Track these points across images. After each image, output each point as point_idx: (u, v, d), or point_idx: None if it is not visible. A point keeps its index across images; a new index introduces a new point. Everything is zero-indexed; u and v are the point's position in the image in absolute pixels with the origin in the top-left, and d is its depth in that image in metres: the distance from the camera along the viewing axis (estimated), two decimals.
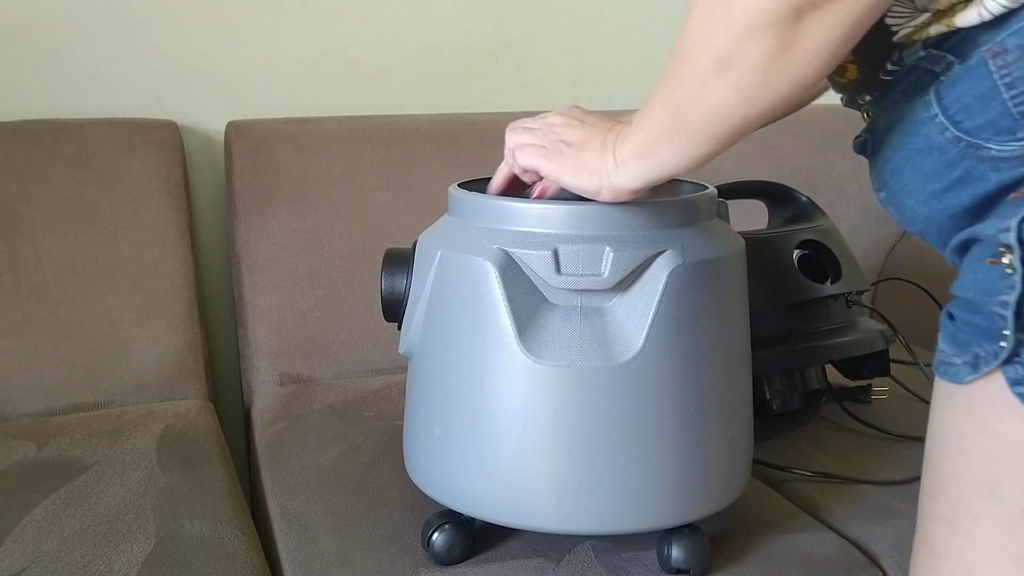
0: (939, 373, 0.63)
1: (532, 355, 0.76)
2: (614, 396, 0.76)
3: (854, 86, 0.67)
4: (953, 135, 0.59)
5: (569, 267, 0.76)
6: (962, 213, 0.61)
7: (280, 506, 0.97)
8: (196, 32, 1.39)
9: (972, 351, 0.59)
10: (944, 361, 0.62)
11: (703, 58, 0.58)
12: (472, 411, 0.79)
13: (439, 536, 0.84)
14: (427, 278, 0.82)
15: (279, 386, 1.29)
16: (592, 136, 0.73)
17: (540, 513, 0.79)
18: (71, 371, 1.20)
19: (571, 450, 0.77)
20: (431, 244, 0.83)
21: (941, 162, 0.60)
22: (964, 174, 0.59)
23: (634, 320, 0.76)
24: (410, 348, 0.86)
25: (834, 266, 1.16)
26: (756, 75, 0.56)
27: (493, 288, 0.77)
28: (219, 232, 1.45)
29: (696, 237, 0.80)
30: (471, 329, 0.79)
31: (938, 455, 0.63)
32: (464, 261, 0.78)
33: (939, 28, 0.58)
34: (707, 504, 0.82)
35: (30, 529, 0.89)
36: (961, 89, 0.58)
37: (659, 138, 0.66)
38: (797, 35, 0.54)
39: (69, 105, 1.34)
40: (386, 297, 0.86)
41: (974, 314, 0.59)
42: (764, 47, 0.55)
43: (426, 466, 0.85)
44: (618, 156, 0.70)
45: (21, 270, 1.21)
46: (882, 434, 1.14)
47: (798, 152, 1.60)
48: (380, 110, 1.49)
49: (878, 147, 0.67)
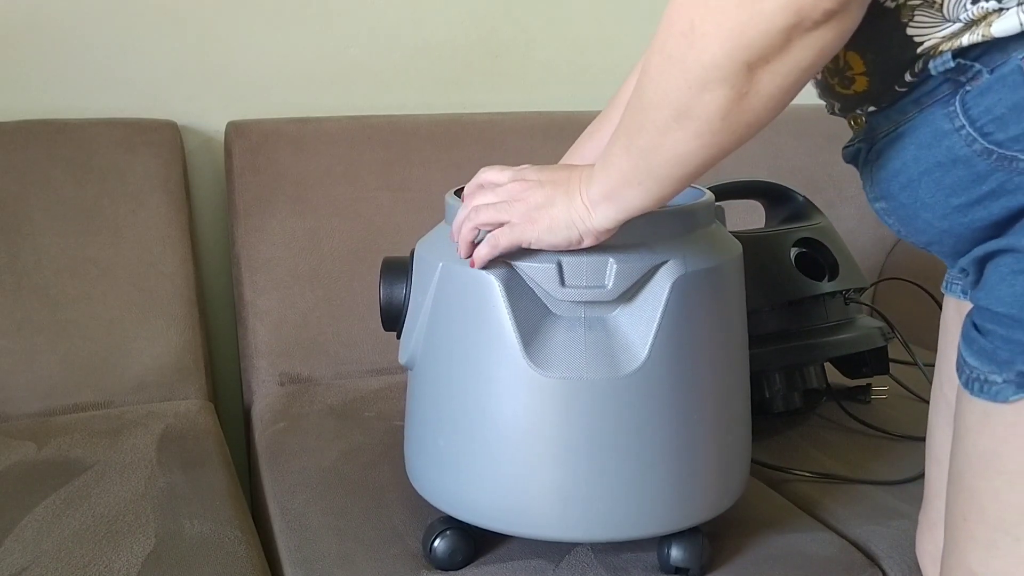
0: (973, 391, 0.60)
1: (538, 367, 0.76)
2: (619, 407, 0.77)
3: (859, 97, 0.66)
4: (983, 147, 0.57)
5: (573, 279, 0.76)
6: (989, 226, 0.59)
7: (280, 506, 0.97)
8: (196, 32, 1.39)
9: (1016, 368, 0.57)
10: (978, 378, 0.60)
11: (663, 109, 0.59)
12: (477, 423, 0.79)
13: (441, 542, 0.84)
14: (428, 290, 0.82)
15: (279, 386, 1.29)
16: (554, 192, 0.73)
17: (543, 522, 0.79)
18: (71, 371, 1.20)
19: (575, 460, 0.77)
20: (431, 255, 0.82)
21: (968, 176, 0.58)
22: (997, 187, 0.57)
23: (638, 331, 0.77)
24: (412, 359, 0.85)
25: (831, 264, 1.16)
26: (714, 124, 0.57)
27: (498, 301, 0.77)
28: (219, 232, 1.45)
29: (697, 245, 0.80)
30: (475, 341, 0.79)
31: (974, 475, 0.61)
32: (468, 274, 0.78)
33: (973, 38, 0.56)
34: (706, 509, 0.83)
35: (30, 529, 0.89)
36: (992, 100, 0.56)
37: (625, 182, 0.66)
38: (752, 85, 0.55)
39: (69, 105, 1.34)
40: (385, 307, 0.86)
41: (1015, 330, 0.57)
42: (720, 98, 0.56)
43: (429, 475, 0.85)
44: (587, 200, 0.70)
45: (21, 270, 1.21)
46: (882, 434, 1.14)
47: (798, 152, 1.60)
48: (380, 110, 1.49)
49: (877, 157, 0.66)
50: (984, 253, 0.60)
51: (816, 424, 1.17)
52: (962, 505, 0.63)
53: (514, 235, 0.74)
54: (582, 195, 0.71)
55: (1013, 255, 0.58)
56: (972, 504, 0.62)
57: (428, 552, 0.85)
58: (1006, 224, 0.58)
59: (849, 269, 1.17)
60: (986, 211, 0.59)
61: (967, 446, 0.62)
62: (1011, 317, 0.57)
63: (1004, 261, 0.59)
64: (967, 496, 0.62)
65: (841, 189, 1.61)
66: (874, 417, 1.17)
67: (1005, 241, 0.58)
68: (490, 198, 0.76)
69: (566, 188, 0.72)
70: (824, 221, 1.21)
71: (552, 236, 0.73)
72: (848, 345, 1.14)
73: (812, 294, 1.12)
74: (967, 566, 0.63)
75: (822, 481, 1.03)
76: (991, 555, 0.60)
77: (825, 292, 1.13)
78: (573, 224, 0.72)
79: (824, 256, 1.17)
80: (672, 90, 0.57)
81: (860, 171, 0.70)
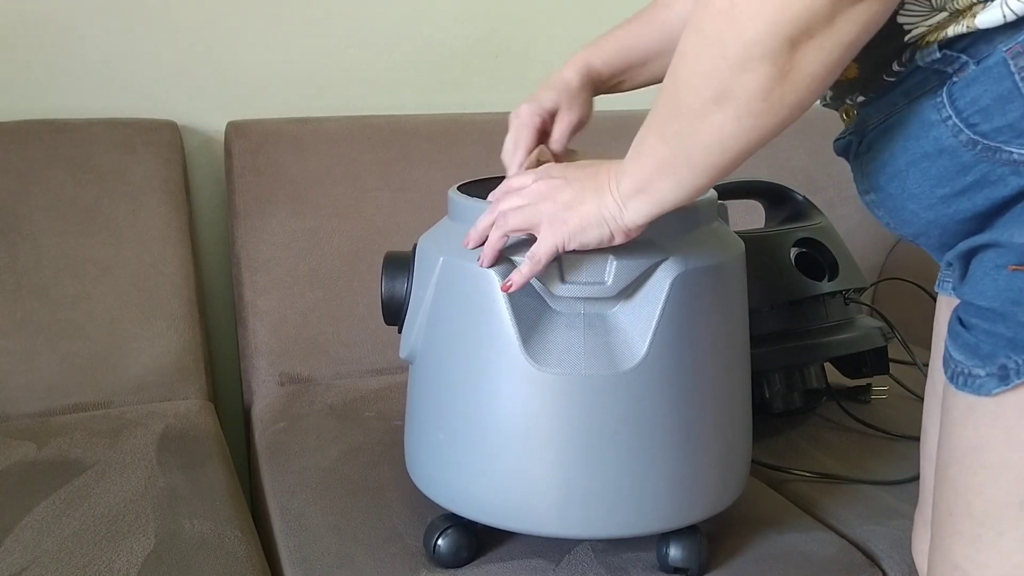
0: (957, 385, 0.61)
1: (536, 363, 0.76)
2: (617, 403, 0.77)
3: (850, 85, 0.66)
4: (968, 138, 0.57)
5: (573, 275, 0.76)
6: (973, 217, 0.60)
7: (280, 506, 0.97)
8: (196, 32, 1.39)
9: (999, 362, 0.57)
10: (961, 372, 0.60)
11: (700, 91, 0.57)
12: (476, 417, 0.79)
13: (444, 540, 0.84)
14: (429, 284, 0.82)
15: (279, 386, 1.29)
16: (583, 189, 0.70)
17: (543, 518, 0.79)
18: (71, 371, 1.20)
19: (574, 456, 0.77)
20: (433, 249, 0.82)
21: (953, 166, 0.59)
22: (980, 178, 0.58)
23: (637, 327, 0.76)
24: (412, 353, 0.86)
25: (831, 264, 1.16)
26: (755, 104, 0.55)
27: (498, 297, 0.77)
28: (219, 232, 1.45)
29: (698, 242, 0.80)
30: (475, 336, 0.79)
31: (958, 469, 0.61)
32: (468, 268, 0.78)
33: (957, 28, 0.56)
34: (706, 507, 0.83)
35: (30, 529, 0.89)
36: (978, 91, 0.56)
37: (659, 172, 0.64)
38: (794, 63, 0.53)
39: (69, 105, 1.34)
40: (386, 301, 0.86)
41: (998, 324, 0.57)
42: (761, 77, 0.54)
43: (429, 470, 0.85)
44: (618, 196, 0.68)
45: (21, 270, 1.21)
46: (882, 434, 1.14)
47: (798, 152, 1.60)
48: (380, 110, 1.49)
49: (868, 149, 0.66)
50: (969, 248, 0.61)
51: (816, 424, 1.17)
52: (947, 500, 0.63)
53: (548, 244, 0.72)
54: (612, 191, 0.68)
55: (995, 250, 0.58)
56: (957, 499, 0.62)
57: (432, 551, 0.85)
58: (989, 216, 0.59)
59: (849, 269, 1.17)
60: (970, 202, 0.59)
61: (952, 440, 0.62)
62: (993, 311, 0.58)
63: (989, 256, 0.59)
64: (952, 491, 0.62)
65: (841, 189, 1.61)
66: (874, 417, 1.17)
67: (988, 236, 0.59)
68: (517, 201, 0.74)
69: (595, 184, 0.70)
70: (824, 221, 1.21)
71: (584, 235, 0.70)
72: (848, 345, 1.14)
73: (812, 294, 1.12)
74: (952, 561, 0.63)
75: (822, 481, 1.03)
76: (975, 549, 0.61)
77: (825, 292, 1.13)
78: (604, 221, 0.69)
79: (824, 256, 1.17)
80: (710, 70, 0.56)
81: (851, 163, 0.70)
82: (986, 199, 0.58)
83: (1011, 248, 0.57)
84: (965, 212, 0.60)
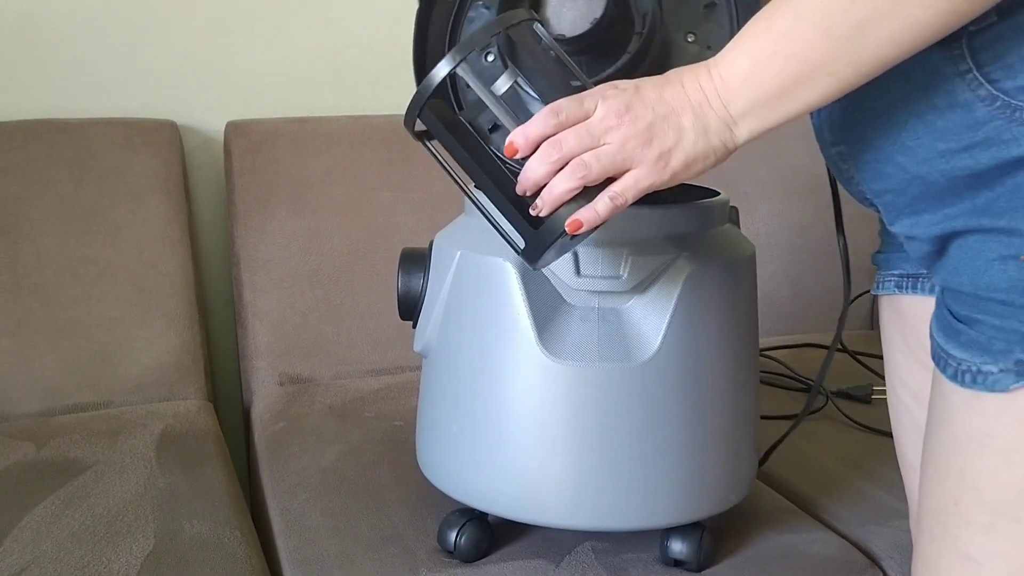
0: (964, 383, 0.58)
1: (551, 355, 0.77)
2: (631, 395, 0.78)
3: None
4: (988, 93, 0.54)
5: (588, 269, 0.77)
6: (968, 176, 0.57)
7: (280, 506, 0.97)
8: (196, 32, 1.39)
9: (1015, 357, 0.55)
10: (968, 370, 0.58)
11: None
12: (491, 409, 0.80)
13: (464, 535, 0.85)
14: (445, 278, 0.83)
15: (279, 386, 1.29)
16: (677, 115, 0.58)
17: (555, 509, 0.80)
18: (71, 371, 1.20)
19: (587, 448, 0.78)
20: (449, 245, 0.84)
21: (964, 121, 0.56)
22: (991, 136, 0.55)
23: (651, 322, 0.78)
24: (427, 346, 0.86)
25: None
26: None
27: (514, 289, 0.78)
28: (219, 232, 1.45)
29: (711, 242, 0.81)
30: (491, 329, 0.80)
31: (964, 458, 0.59)
32: (484, 262, 0.79)
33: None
34: (714, 503, 0.83)
35: (30, 529, 0.89)
36: (1004, 47, 0.53)
37: (811, 74, 0.54)
38: None
39: (69, 105, 1.34)
40: (402, 296, 0.87)
41: (1008, 318, 0.56)
42: None
43: (441, 462, 0.86)
44: (727, 113, 0.57)
45: (21, 270, 1.21)
46: (882, 434, 1.14)
47: (798, 152, 1.60)
48: (380, 110, 1.49)
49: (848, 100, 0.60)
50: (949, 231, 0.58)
51: (816, 424, 1.17)
52: (951, 490, 0.60)
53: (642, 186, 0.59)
54: (716, 108, 0.57)
55: (991, 236, 0.56)
56: (964, 487, 0.59)
57: (452, 547, 0.85)
58: (985, 177, 0.56)
59: None
60: (972, 159, 0.56)
61: (952, 430, 0.60)
62: (1009, 304, 0.56)
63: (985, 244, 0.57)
64: (956, 480, 0.60)
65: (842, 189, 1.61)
66: (874, 417, 1.17)
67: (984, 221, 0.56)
68: (586, 141, 0.59)
69: (688, 102, 0.58)
70: None
71: (688, 172, 0.59)
72: None
73: None
74: (963, 553, 0.60)
75: (822, 481, 1.03)
76: (990, 538, 0.58)
77: None
78: (712, 151, 0.58)
79: None
80: None
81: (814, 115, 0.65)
82: (992, 158, 0.55)
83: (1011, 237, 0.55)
84: (962, 170, 0.57)
